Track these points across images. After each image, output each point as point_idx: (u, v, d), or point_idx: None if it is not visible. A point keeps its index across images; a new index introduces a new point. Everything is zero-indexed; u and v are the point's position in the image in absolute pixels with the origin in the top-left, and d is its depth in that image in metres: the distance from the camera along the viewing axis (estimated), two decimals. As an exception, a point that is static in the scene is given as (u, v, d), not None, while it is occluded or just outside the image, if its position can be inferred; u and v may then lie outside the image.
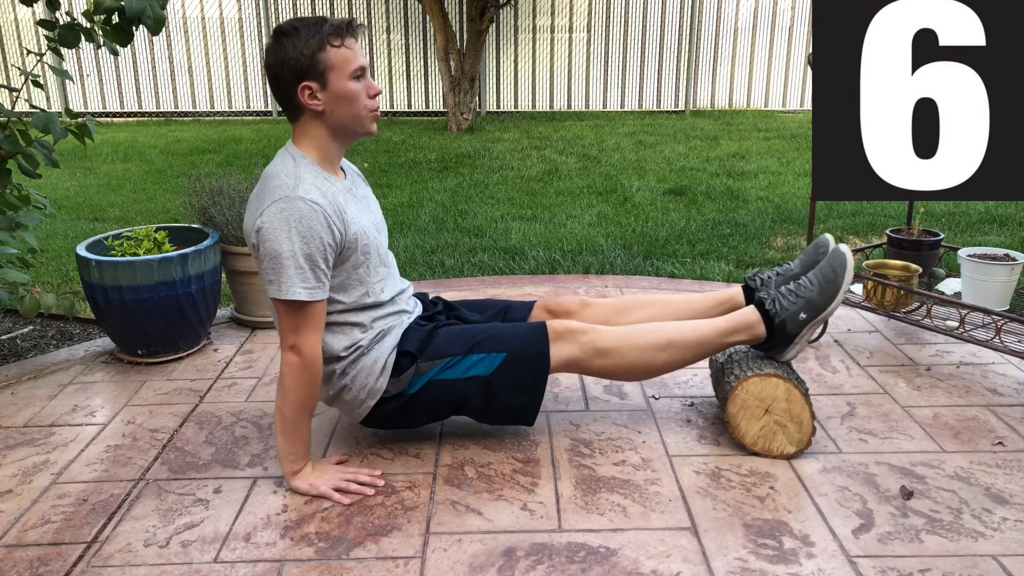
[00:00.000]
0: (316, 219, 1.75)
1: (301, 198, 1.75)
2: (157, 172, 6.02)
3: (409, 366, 1.96)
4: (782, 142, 6.99)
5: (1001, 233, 4.14)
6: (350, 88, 1.81)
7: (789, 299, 2.01)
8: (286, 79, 1.79)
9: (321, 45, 1.77)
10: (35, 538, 1.74)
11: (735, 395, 2.00)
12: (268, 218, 1.75)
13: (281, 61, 1.78)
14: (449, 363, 1.96)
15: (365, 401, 1.96)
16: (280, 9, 8.72)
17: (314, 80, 1.78)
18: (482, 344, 1.97)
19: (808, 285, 2.01)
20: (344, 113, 1.83)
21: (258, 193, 1.82)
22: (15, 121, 2.49)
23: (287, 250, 1.74)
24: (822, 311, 1.99)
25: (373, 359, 1.94)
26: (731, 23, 8.89)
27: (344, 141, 1.90)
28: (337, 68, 1.79)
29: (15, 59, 8.70)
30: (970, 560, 1.63)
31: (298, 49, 1.76)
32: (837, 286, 1.97)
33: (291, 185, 1.77)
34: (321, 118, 1.83)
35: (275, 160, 1.87)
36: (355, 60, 1.81)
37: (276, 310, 1.81)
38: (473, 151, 6.66)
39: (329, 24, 1.78)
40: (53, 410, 2.33)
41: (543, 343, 1.98)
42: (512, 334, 2.00)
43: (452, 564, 1.64)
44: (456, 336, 2.00)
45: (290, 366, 1.80)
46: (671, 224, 4.41)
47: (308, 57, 1.76)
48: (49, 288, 3.50)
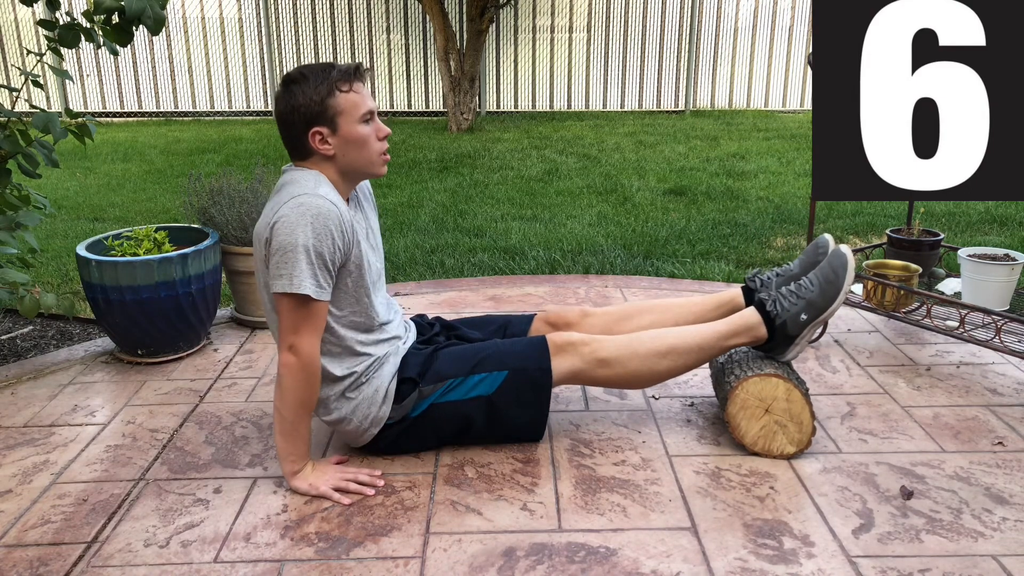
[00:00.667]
0: (332, 218, 1.77)
1: (321, 196, 1.78)
2: (157, 172, 6.02)
3: (411, 391, 1.96)
4: (782, 142, 6.99)
5: (1001, 233, 4.14)
6: (360, 132, 1.84)
7: (790, 300, 2.01)
8: (297, 126, 1.82)
9: (330, 91, 1.80)
10: (35, 538, 1.74)
11: (735, 395, 2.00)
12: (285, 212, 1.77)
13: (292, 108, 1.81)
14: (451, 385, 1.97)
15: (368, 430, 1.97)
16: (280, 9, 8.72)
17: (324, 126, 1.82)
18: (483, 363, 1.98)
19: (809, 286, 2.01)
20: (355, 157, 1.86)
21: (275, 197, 1.85)
22: (15, 121, 2.49)
23: (301, 243, 1.74)
24: (823, 312, 1.99)
25: (374, 388, 1.94)
26: (731, 23, 8.89)
27: (353, 182, 1.94)
28: (347, 113, 1.82)
29: (15, 59, 8.70)
30: (970, 560, 1.63)
31: (308, 96, 1.79)
32: (838, 287, 1.98)
33: (312, 186, 1.80)
34: (331, 161, 1.87)
35: (291, 172, 1.88)
36: (364, 104, 1.84)
37: (277, 307, 1.80)
38: (473, 151, 6.66)
39: (337, 70, 1.82)
40: (53, 410, 2.33)
41: (544, 358, 1.98)
42: (512, 351, 2.01)
43: (452, 564, 1.64)
44: (456, 357, 2.00)
45: (288, 367, 1.80)
46: (671, 224, 4.41)
47: (318, 104, 1.80)
48: (49, 288, 3.50)
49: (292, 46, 8.80)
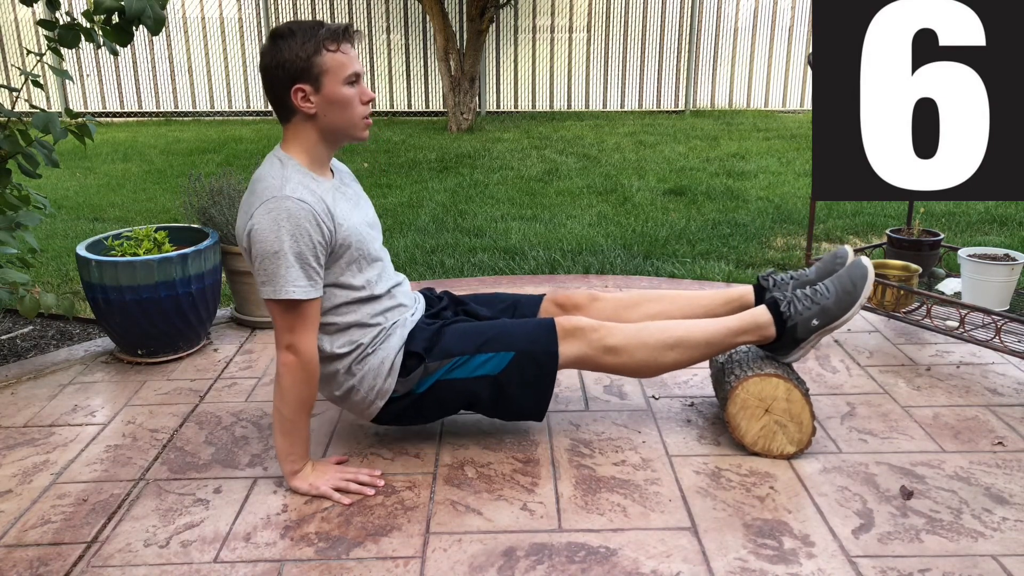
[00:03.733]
0: (305, 217, 1.75)
1: (288, 197, 1.76)
2: (157, 172, 6.02)
3: (417, 366, 1.96)
4: (782, 142, 6.99)
5: (1001, 233, 4.14)
6: (344, 93, 1.81)
7: (804, 303, 1.99)
8: (280, 81, 1.80)
9: (317, 49, 1.77)
10: (35, 538, 1.74)
11: (735, 395, 2.00)
12: (257, 219, 1.76)
13: (276, 63, 1.78)
14: (457, 363, 1.96)
15: (374, 402, 1.97)
16: (280, 9, 8.72)
17: (308, 83, 1.79)
18: (490, 343, 1.97)
19: (825, 292, 1.99)
20: (336, 118, 1.84)
21: (247, 198, 1.83)
22: (15, 121, 2.49)
23: (277, 250, 1.74)
24: (835, 320, 1.98)
25: (380, 359, 1.94)
26: (731, 23, 8.89)
27: (333, 145, 1.90)
28: (332, 72, 1.79)
29: (15, 59, 8.70)
30: (970, 560, 1.63)
31: (293, 52, 1.77)
32: (855, 297, 1.97)
33: (278, 186, 1.78)
34: (312, 121, 1.84)
35: (263, 165, 1.88)
36: (350, 66, 1.81)
37: (270, 312, 1.81)
38: (473, 151, 6.66)
39: (326, 28, 1.78)
40: (53, 410, 2.33)
41: (552, 342, 1.98)
42: (520, 332, 2.00)
43: (452, 564, 1.64)
44: (463, 335, 1.99)
45: (287, 366, 1.80)
46: (671, 224, 4.41)
47: (303, 60, 1.77)
48: (49, 288, 3.50)
49: (292, 46, 8.79)
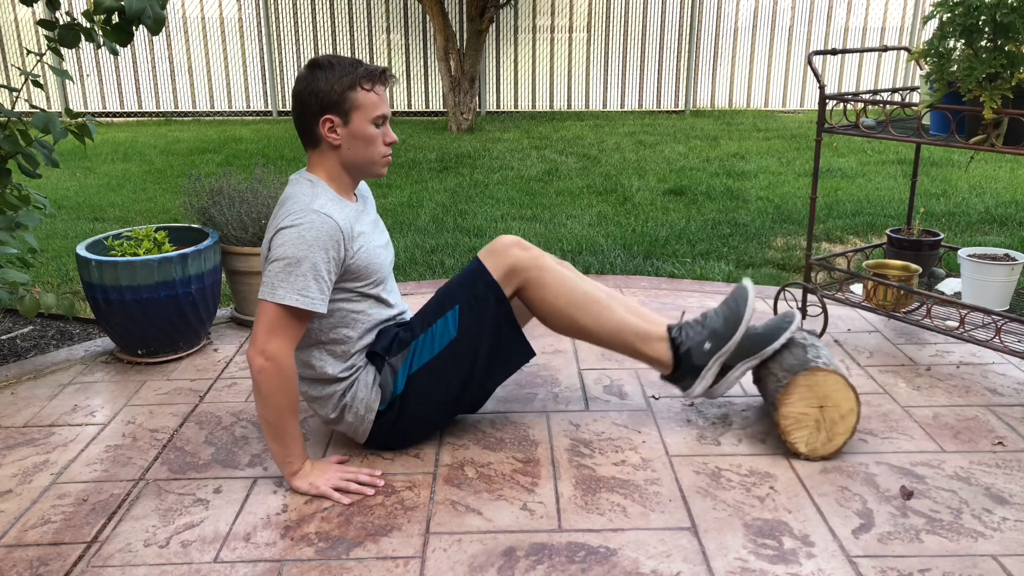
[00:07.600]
0: (327, 231, 1.80)
1: (316, 211, 1.81)
2: (157, 172, 6.02)
3: (382, 364, 1.98)
4: (782, 142, 6.99)
5: (1001, 233, 4.14)
6: (369, 131, 1.88)
7: (695, 329, 2.08)
8: (311, 108, 1.85)
9: (352, 85, 1.84)
10: (35, 538, 1.74)
11: (816, 374, 1.95)
12: (286, 223, 1.81)
13: (311, 91, 1.84)
14: (417, 345, 1.98)
15: (365, 416, 1.98)
16: (280, 9, 8.72)
17: (338, 115, 1.85)
18: (435, 311, 2.00)
19: (714, 316, 2.09)
20: (358, 153, 1.90)
21: (276, 211, 1.89)
22: (15, 121, 2.49)
23: (297, 257, 1.78)
24: (726, 341, 2.04)
25: (367, 372, 1.98)
26: (731, 23, 8.89)
27: (354, 177, 1.97)
28: (362, 110, 1.86)
29: (15, 59, 8.70)
30: (970, 560, 1.63)
31: (330, 83, 1.83)
32: (739, 315, 2.05)
33: (307, 201, 1.84)
34: (335, 152, 1.90)
35: (290, 186, 1.93)
36: (380, 107, 1.88)
37: (260, 311, 1.81)
38: (473, 151, 6.66)
39: (364, 68, 1.86)
40: (53, 410, 2.33)
41: (483, 272, 1.99)
42: (454, 283, 2.03)
43: (452, 564, 1.64)
44: (413, 323, 2.03)
45: (264, 372, 1.79)
46: (671, 224, 4.41)
47: (338, 93, 1.83)
48: (49, 288, 3.50)
49: (292, 46, 8.80)
